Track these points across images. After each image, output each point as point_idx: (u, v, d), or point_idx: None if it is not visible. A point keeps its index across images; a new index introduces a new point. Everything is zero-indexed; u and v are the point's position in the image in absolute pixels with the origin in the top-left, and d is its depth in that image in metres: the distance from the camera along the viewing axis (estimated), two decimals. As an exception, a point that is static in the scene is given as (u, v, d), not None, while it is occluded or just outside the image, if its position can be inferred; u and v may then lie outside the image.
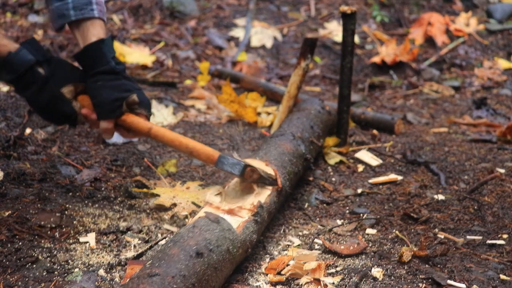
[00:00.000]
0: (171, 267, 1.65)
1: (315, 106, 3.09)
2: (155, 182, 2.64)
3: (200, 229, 1.84)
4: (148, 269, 1.64)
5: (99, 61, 2.26)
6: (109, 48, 2.29)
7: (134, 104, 2.27)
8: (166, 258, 1.69)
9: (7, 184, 2.45)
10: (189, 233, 1.82)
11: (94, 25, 2.31)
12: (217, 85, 4.35)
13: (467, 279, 2.00)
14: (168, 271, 1.63)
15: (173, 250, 1.73)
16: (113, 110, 2.24)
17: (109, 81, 2.25)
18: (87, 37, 2.30)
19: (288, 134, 2.68)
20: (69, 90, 2.24)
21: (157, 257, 1.71)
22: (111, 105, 2.23)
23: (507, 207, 2.56)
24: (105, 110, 2.24)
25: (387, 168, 2.99)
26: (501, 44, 5.36)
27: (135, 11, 5.58)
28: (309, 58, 3.10)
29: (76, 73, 2.29)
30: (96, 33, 2.30)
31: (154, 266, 1.65)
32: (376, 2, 5.88)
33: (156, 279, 1.59)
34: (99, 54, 2.26)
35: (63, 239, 2.15)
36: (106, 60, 2.26)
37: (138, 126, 2.28)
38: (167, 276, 1.61)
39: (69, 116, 2.27)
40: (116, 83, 2.26)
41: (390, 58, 5.02)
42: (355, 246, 2.19)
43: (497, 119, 4.02)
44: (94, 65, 2.26)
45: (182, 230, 1.86)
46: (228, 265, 1.86)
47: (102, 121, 2.25)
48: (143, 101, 2.30)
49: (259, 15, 5.70)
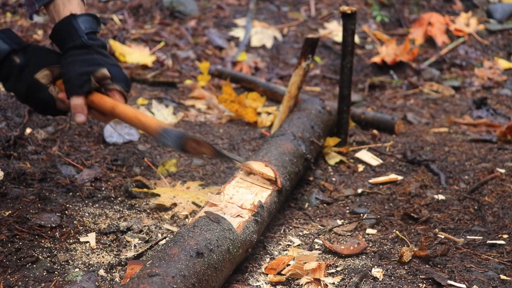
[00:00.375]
0: (171, 267, 1.65)
1: (316, 106, 3.09)
2: (155, 182, 2.64)
3: (200, 229, 1.84)
4: (148, 269, 1.64)
5: (71, 37, 2.13)
6: (84, 23, 2.15)
7: (105, 78, 2.11)
8: (166, 258, 1.69)
9: (7, 184, 2.45)
10: (189, 233, 1.82)
11: (71, 2, 2.20)
12: (217, 85, 4.36)
13: (467, 279, 2.00)
14: (168, 271, 1.63)
15: (173, 250, 1.73)
16: (81, 85, 2.07)
17: (78, 55, 2.12)
18: (61, 13, 2.18)
19: (289, 134, 2.68)
20: (44, 75, 2.12)
21: (157, 257, 1.71)
22: (78, 80, 2.08)
23: (507, 207, 2.56)
24: (73, 85, 2.08)
25: (387, 168, 2.99)
26: (501, 44, 5.36)
27: (135, 11, 5.58)
28: (310, 58, 3.10)
29: (52, 57, 2.17)
30: (71, 9, 2.19)
31: (154, 266, 1.65)
32: (376, 2, 5.88)
33: (156, 279, 1.59)
34: (70, 29, 2.14)
35: (63, 239, 2.15)
36: (78, 35, 2.12)
37: (102, 105, 2.10)
38: (167, 276, 1.61)
39: (47, 102, 2.14)
40: (86, 57, 2.12)
41: (390, 58, 5.02)
42: (355, 246, 2.19)
43: (497, 119, 4.02)
44: (66, 41, 2.14)
45: (183, 230, 1.85)
46: (228, 265, 1.86)
47: (71, 98, 2.09)
48: (116, 76, 2.13)
49: (259, 15, 5.70)
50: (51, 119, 3.16)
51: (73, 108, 2.08)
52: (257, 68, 5.02)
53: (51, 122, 3.15)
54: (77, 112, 2.08)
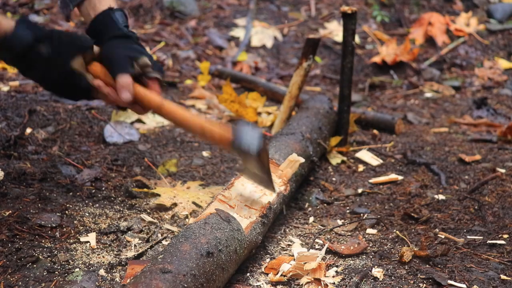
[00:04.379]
0: (183, 265, 1.64)
1: (324, 105, 3.08)
2: (156, 182, 2.64)
3: (211, 227, 1.84)
4: (161, 264, 1.63)
5: (111, 28, 2.22)
6: (121, 17, 2.26)
7: (147, 66, 2.16)
8: (178, 255, 1.68)
9: (7, 184, 2.45)
10: (200, 230, 1.81)
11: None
12: (218, 85, 4.36)
13: (467, 279, 2.00)
14: (180, 269, 1.62)
15: (185, 246, 1.72)
16: (127, 66, 2.12)
17: (122, 43, 2.19)
18: (98, 8, 2.28)
19: (298, 133, 2.68)
20: (79, 62, 2.10)
21: (169, 252, 1.69)
22: (125, 60, 2.13)
23: (508, 207, 2.56)
24: (120, 64, 2.12)
25: (387, 168, 2.99)
26: (501, 44, 5.36)
27: (136, 11, 5.58)
28: (311, 58, 3.10)
29: (81, 41, 2.16)
30: (106, 3, 2.28)
31: (166, 261, 1.64)
32: (377, 2, 5.88)
33: (168, 277, 1.58)
34: (110, 21, 2.23)
35: (64, 239, 2.15)
36: (118, 27, 2.22)
37: (150, 100, 2.12)
38: (179, 274, 1.60)
39: (84, 89, 2.15)
40: (129, 45, 2.20)
41: (390, 58, 5.02)
42: (355, 246, 2.19)
43: (497, 119, 4.02)
44: (107, 31, 2.21)
45: (194, 225, 1.84)
46: (233, 266, 1.87)
47: (119, 76, 2.10)
48: (155, 65, 2.20)
49: (260, 15, 5.70)
50: (51, 119, 3.17)
51: (120, 86, 2.09)
52: (257, 68, 5.02)
53: (51, 122, 3.15)
54: (124, 89, 2.09)
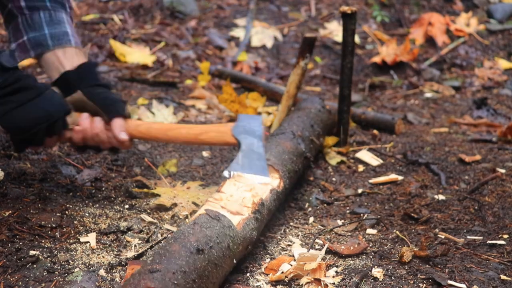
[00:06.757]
0: (172, 263, 1.65)
1: (316, 105, 3.09)
2: (156, 182, 2.64)
3: (200, 226, 1.85)
4: (149, 265, 1.65)
5: (95, 77, 2.38)
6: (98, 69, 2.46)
7: None
8: (167, 255, 1.69)
9: (7, 184, 2.46)
10: (189, 230, 1.82)
11: (78, 52, 2.43)
12: (218, 85, 4.36)
13: (467, 279, 2.00)
14: (168, 267, 1.63)
15: (174, 246, 1.73)
16: (123, 110, 2.31)
17: (107, 91, 2.38)
18: (74, 60, 2.40)
19: (288, 132, 2.68)
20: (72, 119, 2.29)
21: (158, 254, 1.71)
22: (121, 104, 2.33)
23: (508, 207, 2.56)
24: (118, 106, 2.31)
25: (387, 168, 2.99)
26: (501, 44, 5.36)
27: (136, 11, 5.58)
28: (308, 57, 3.10)
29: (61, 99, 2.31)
30: (82, 59, 2.42)
31: (155, 262, 1.66)
32: (377, 2, 5.88)
33: (157, 275, 1.59)
34: (94, 71, 2.40)
35: (64, 239, 2.15)
36: (101, 77, 2.42)
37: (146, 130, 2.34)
38: (168, 272, 1.62)
39: None
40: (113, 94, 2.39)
41: (390, 58, 5.02)
42: (355, 246, 2.19)
43: (497, 119, 4.02)
44: (90, 79, 2.37)
45: (183, 227, 1.86)
46: (228, 262, 1.87)
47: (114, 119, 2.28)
48: None
49: (260, 15, 5.70)
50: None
51: (116, 128, 2.28)
52: (257, 68, 5.02)
53: (52, 122, 3.15)
54: (122, 131, 2.29)
